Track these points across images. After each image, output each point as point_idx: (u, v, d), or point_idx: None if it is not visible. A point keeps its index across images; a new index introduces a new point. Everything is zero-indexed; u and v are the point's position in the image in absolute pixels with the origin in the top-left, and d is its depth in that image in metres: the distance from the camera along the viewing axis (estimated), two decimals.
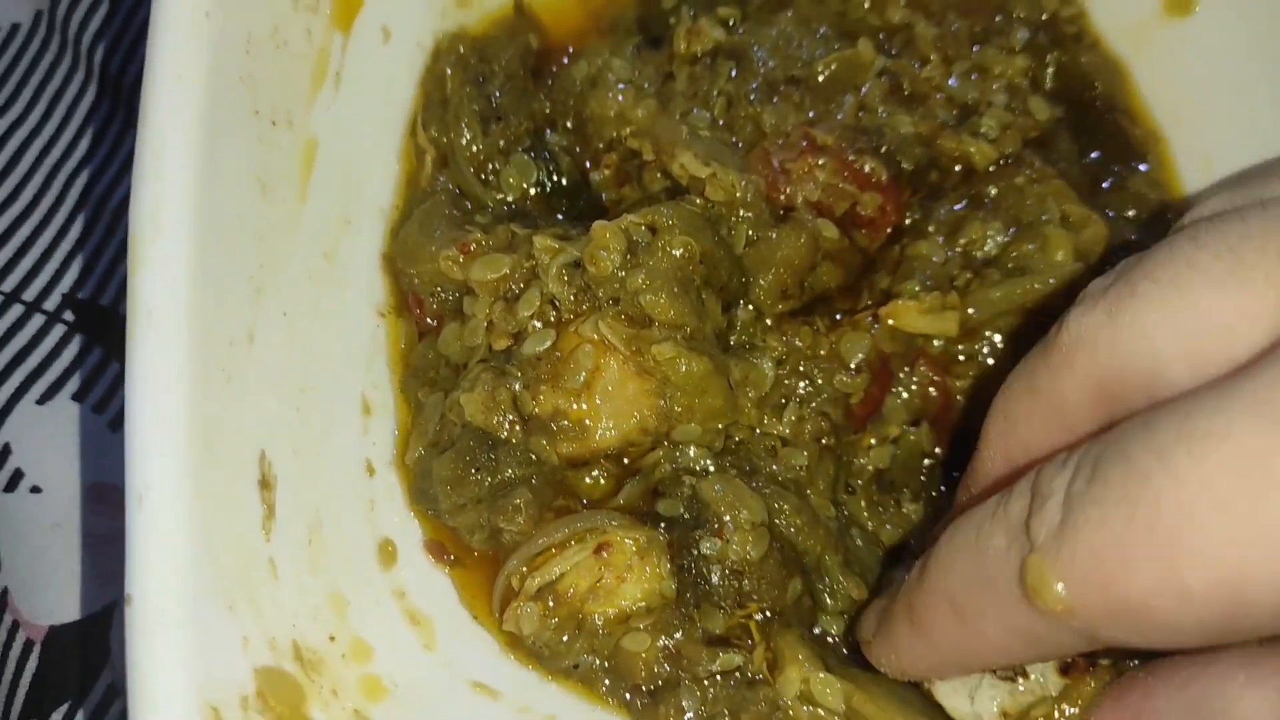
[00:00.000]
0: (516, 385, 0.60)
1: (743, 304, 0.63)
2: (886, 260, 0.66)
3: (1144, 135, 0.73)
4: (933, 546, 0.47)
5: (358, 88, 0.66)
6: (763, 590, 0.57)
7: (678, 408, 0.59)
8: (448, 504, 0.60)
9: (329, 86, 0.64)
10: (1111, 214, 0.68)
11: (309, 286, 0.62)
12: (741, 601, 0.57)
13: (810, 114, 0.67)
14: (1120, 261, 0.45)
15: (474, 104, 0.69)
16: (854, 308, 0.65)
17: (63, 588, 0.72)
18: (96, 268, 0.79)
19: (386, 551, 0.61)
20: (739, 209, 0.63)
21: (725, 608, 0.57)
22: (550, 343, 0.59)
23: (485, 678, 0.60)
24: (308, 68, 0.63)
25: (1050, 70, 0.73)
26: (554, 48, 0.75)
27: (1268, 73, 0.69)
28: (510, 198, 0.69)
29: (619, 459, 0.61)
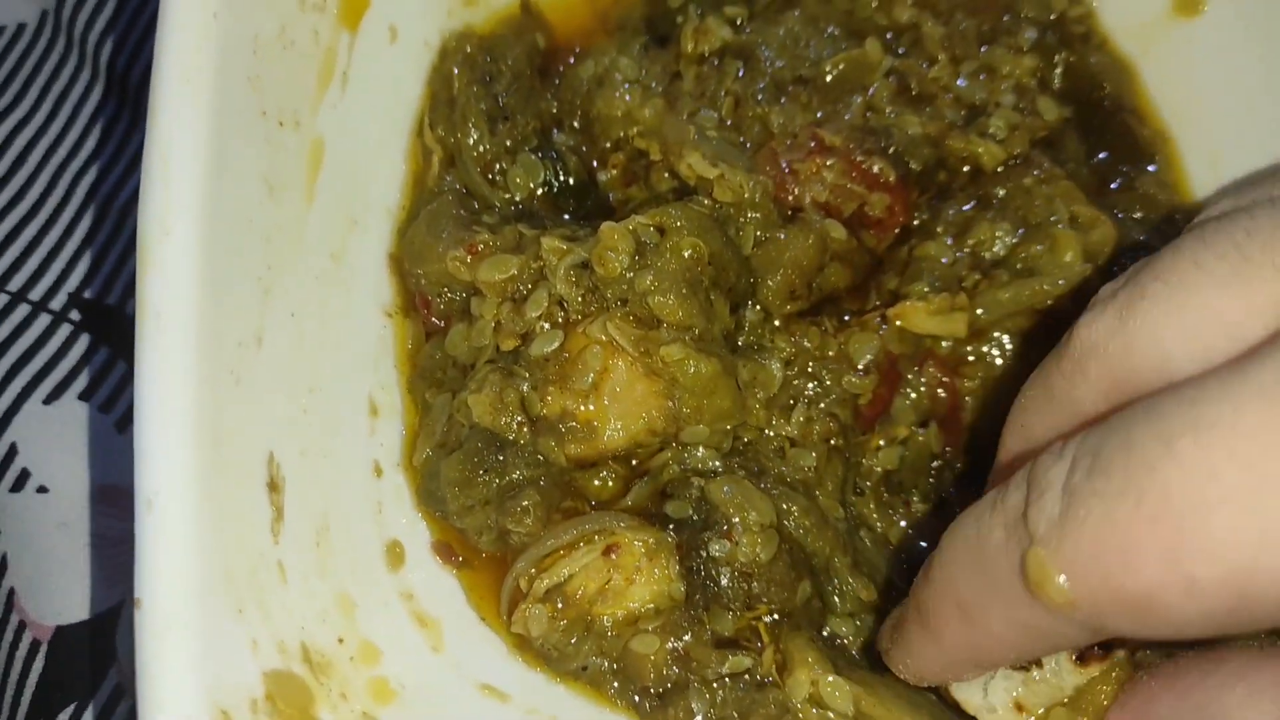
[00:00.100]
0: (524, 386, 0.60)
1: (751, 305, 0.63)
2: (895, 261, 0.66)
3: (1152, 135, 0.73)
4: (938, 547, 0.47)
5: (365, 87, 0.66)
6: (772, 592, 0.57)
7: (686, 409, 0.59)
8: (455, 505, 0.60)
9: (336, 86, 0.64)
10: (1120, 214, 0.68)
11: (316, 287, 0.62)
12: (750, 603, 0.57)
13: (818, 114, 0.67)
14: (1130, 264, 0.45)
15: (481, 103, 0.69)
16: (862, 308, 0.65)
17: (70, 588, 0.72)
18: (103, 267, 0.79)
19: (394, 553, 0.61)
20: (747, 210, 0.63)
21: (734, 610, 0.57)
22: (558, 344, 0.59)
23: (493, 679, 0.60)
24: (314, 68, 0.63)
25: (1058, 70, 0.72)
26: (561, 47, 0.75)
27: (1276, 73, 0.69)
28: (517, 197, 0.68)
29: (627, 460, 0.61)
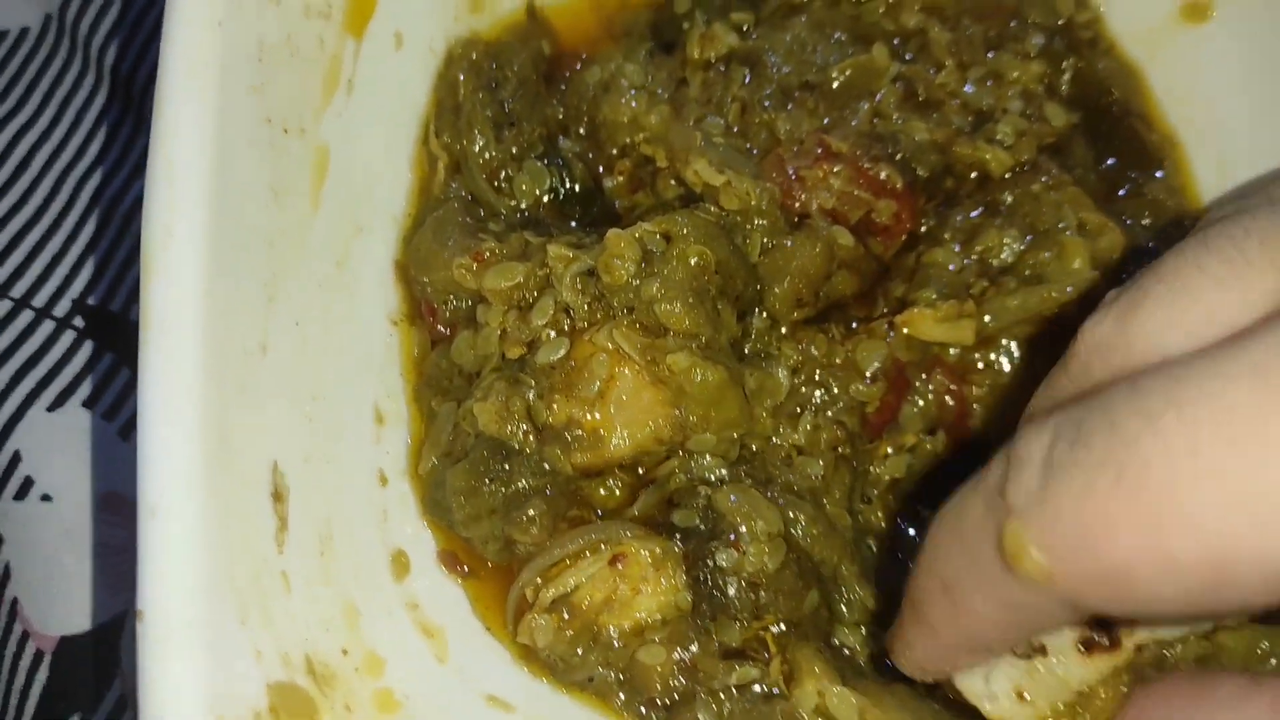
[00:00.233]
0: (530, 394, 0.59)
1: (758, 312, 0.63)
2: (902, 268, 0.66)
3: (1160, 141, 0.73)
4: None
5: (370, 94, 0.66)
6: (779, 601, 0.57)
7: (692, 417, 0.58)
8: (461, 515, 0.60)
9: (341, 93, 0.64)
10: (1128, 221, 0.67)
11: (321, 294, 0.61)
12: (758, 613, 0.57)
13: (825, 120, 0.67)
14: (1136, 271, 0.45)
15: (486, 110, 0.69)
16: (869, 316, 0.65)
17: (73, 598, 0.71)
18: (107, 273, 0.78)
19: (399, 563, 0.61)
20: (753, 217, 0.63)
21: (742, 620, 0.57)
22: (564, 352, 0.59)
23: (498, 690, 0.59)
24: (320, 75, 0.63)
25: (1066, 76, 0.72)
26: (567, 53, 0.74)
27: None
28: (523, 204, 0.68)
29: (633, 469, 0.61)
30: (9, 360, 0.76)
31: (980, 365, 0.63)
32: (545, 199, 0.69)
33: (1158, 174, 0.72)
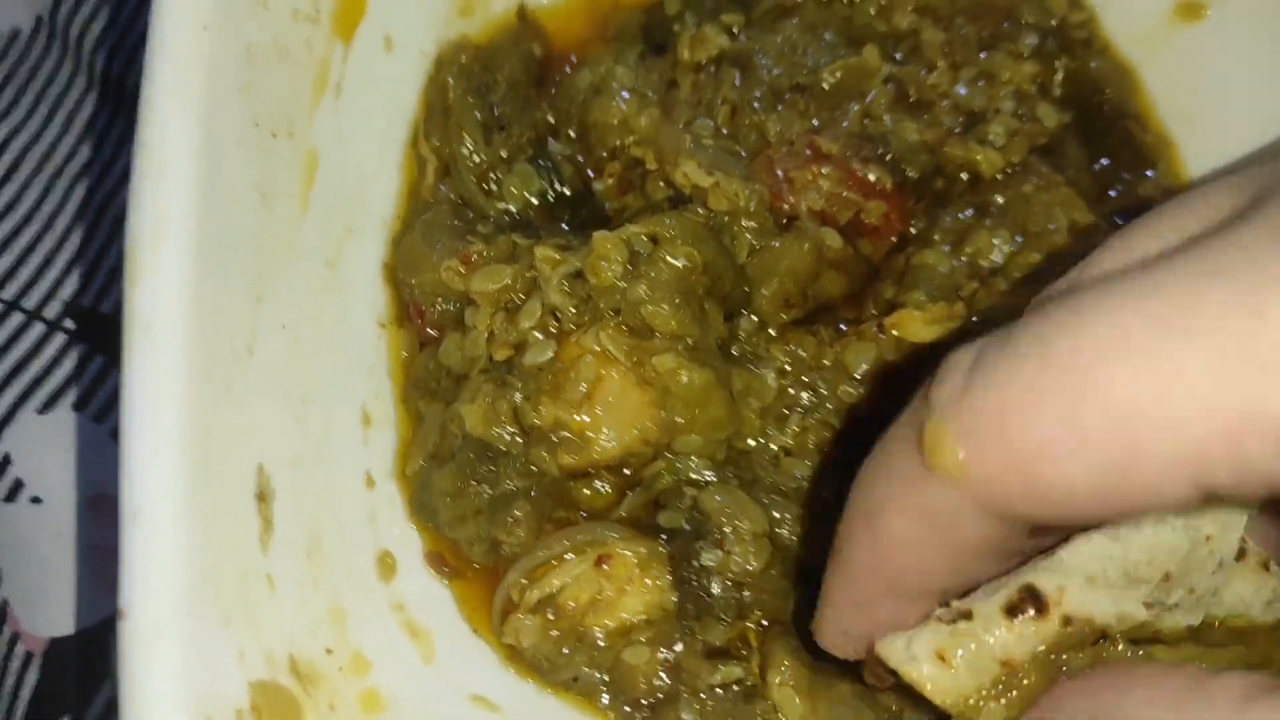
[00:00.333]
0: (517, 396, 0.59)
1: (745, 314, 0.63)
2: (891, 269, 0.65)
3: (1154, 141, 0.73)
4: None
5: (359, 98, 0.66)
6: (764, 601, 0.57)
7: (679, 419, 0.58)
8: (448, 516, 0.60)
9: (330, 96, 0.64)
10: (1120, 222, 0.67)
11: (309, 297, 0.61)
12: (743, 613, 0.57)
13: (815, 122, 0.66)
14: None
15: (476, 113, 0.69)
16: (859, 317, 0.64)
17: (63, 600, 0.71)
18: (97, 275, 0.78)
19: (386, 564, 0.61)
20: (742, 218, 0.63)
21: (726, 619, 0.56)
22: (551, 354, 0.59)
23: (484, 691, 0.59)
24: (308, 78, 0.63)
25: (1059, 76, 0.71)
26: (558, 56, 0.74)
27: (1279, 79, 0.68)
28: (513, 207, 0.68)
29: (620, 470, 0.61)
30: None
31: None
32: (535, 202, 0.69)
33: (1150, 174, 0.72)
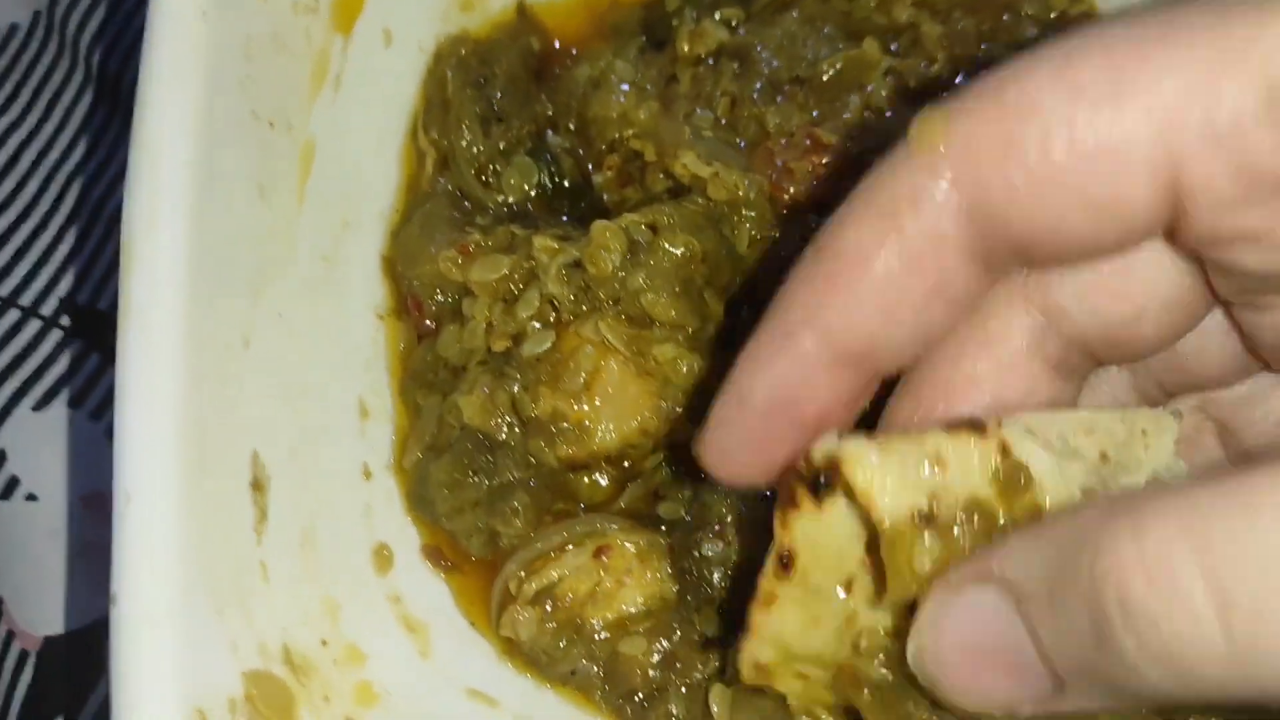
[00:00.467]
0: (515, 387, 0.59)
1: (746, 304, 0.62)
2: None
3: None
4: None
5: (358, 90, 0.66)
6: None
7: (679, 409, 0.58)
8: (445, 507, 0.59)
9: (329, 89, 0.64)
10: None
11: (307, 289, 0.61)
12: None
13: (814, 114, 0.66)
14: None
15: (475, 106, 0.69)
16: None
17: (59, 597, 0.71)
18: (94, 272, 0.78)
19: (382, 556, 0.60)
20: (742, 208, 0.62)
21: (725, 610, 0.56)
22: (550, 344, 0.58)
23: (481, 685, 0.58)
24: (307, 70, 0.62)
25: None
26: (557, 50, 0.74)
27: None
28: (511, 199, 0.68)
29: (619, 462, 0.60)
30: None
31: None
32: (534, 194, 0.68)
33: None
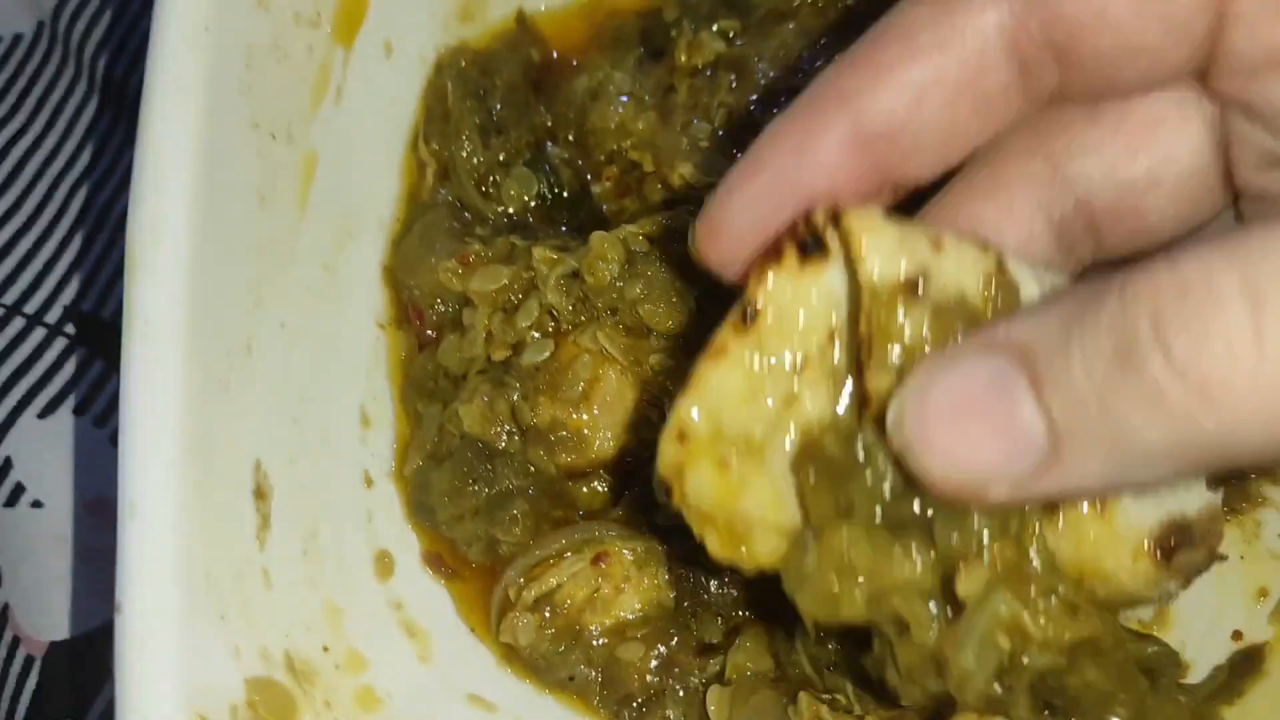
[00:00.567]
0: (515, 396, 0.59)
1: None
2: None
3: None
4: None
5: (359, 101, 0.66)
6: (761, 599, 0.56)
7: None
8: (445, 515, 0.60)
9: (330, 100, 0.64)
10: None
11: (308, 298, 0.61)
12: (739, 610, 0.56)
13: None
14: None
15: (475, 117, 0.69)
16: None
17: (64, 603, 0.71)
18: (98, 281, 0.79)
19: (383, 563, 0.61)
20: None
21: (723, 616, 0.56)
22: (549, 353, 0.59)
23: (481, 690, 0.59)
24: (309, 81, 0.63)
25: None
26: (556, 62, 0.75)
27: None
28: (511, 210, 0.68)
29: (617, 469, 0.61)
30: (0, 367, 0.76)
31: None
32: (533, 204, 0.69)
33: None
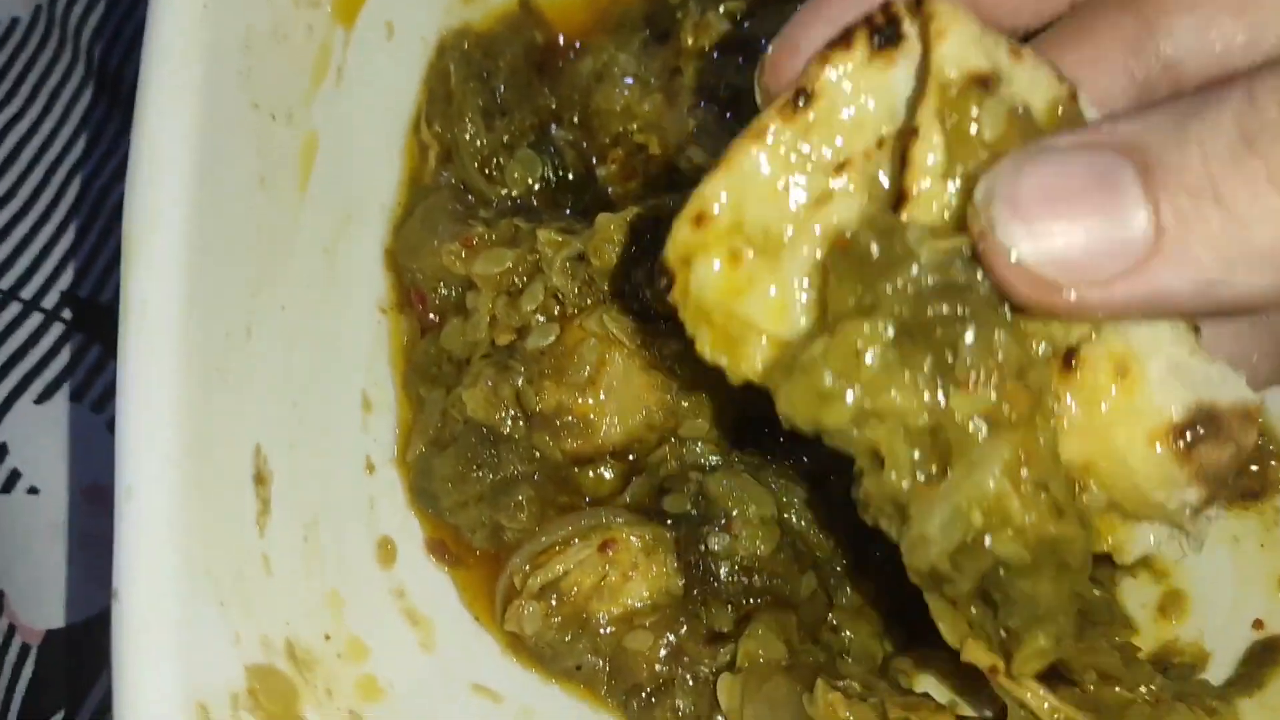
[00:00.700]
0: (519, 380, 0.58)
1: None
2: None
3: None
4: None
5: (360, 83, 0.65)
6: (773, 585, 0.56)
7: (685, 403, 0.57)
8: (449, 501, 0.59)
9: (330, 81, 0.63)
10: None
11: (309, 281, 0.61)
12: (750, 597, 0.56)
13: None
14: None
15: (478, 99, 0.68)
16: None
17: (61, 591, 0.71)
18: (95, 265, 0.78)
19: (386, 550, 0.60)
20: None
21: (734, 603, 0.56)
22: (554, 337, 0.58)
23: (486, 680, 0.58)
24: (309, 62, 0.62)
25: None
26: (560, 44, 0.74)
27: None
28: (515, 192, 0.68)
29: (624, 455, 0.60)
30: None
31: None
32: (537, 187, 0.68)
33: None
